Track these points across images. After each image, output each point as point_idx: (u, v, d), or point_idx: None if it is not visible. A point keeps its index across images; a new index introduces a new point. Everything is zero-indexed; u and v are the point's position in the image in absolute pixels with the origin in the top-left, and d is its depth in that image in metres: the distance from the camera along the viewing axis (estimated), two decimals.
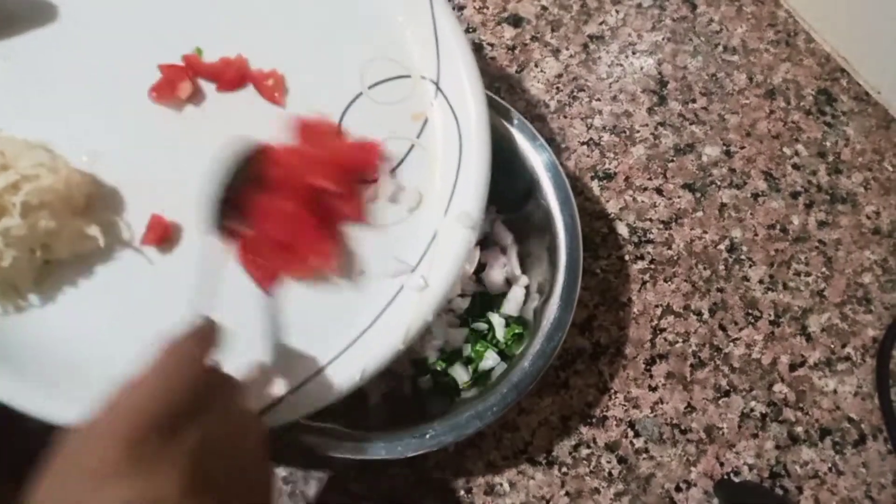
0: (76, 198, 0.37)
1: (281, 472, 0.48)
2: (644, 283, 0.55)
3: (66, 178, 0.36)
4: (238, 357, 0.34)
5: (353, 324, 0.39)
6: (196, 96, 0.42)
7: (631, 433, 0.50)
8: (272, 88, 0.42)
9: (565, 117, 0.61)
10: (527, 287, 0.49)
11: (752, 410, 0.51)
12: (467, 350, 0.48)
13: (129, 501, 0.23)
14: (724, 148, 0.60)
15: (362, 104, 0.42)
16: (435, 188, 0.41)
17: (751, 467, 0.50)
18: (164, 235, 0.39)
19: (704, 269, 0.56)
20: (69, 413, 0.35)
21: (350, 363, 0.38)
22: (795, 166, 0.60)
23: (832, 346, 0.54)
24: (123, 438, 0.24)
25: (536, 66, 0.63)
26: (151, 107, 0.41)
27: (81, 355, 0.37)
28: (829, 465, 0.50)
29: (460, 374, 0.48)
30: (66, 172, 0.37)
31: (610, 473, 0.49)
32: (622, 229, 0.57)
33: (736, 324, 0.54)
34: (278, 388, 0.37)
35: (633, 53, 0.64)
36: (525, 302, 0.49)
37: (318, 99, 0.42)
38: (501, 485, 0.48)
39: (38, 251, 0.36)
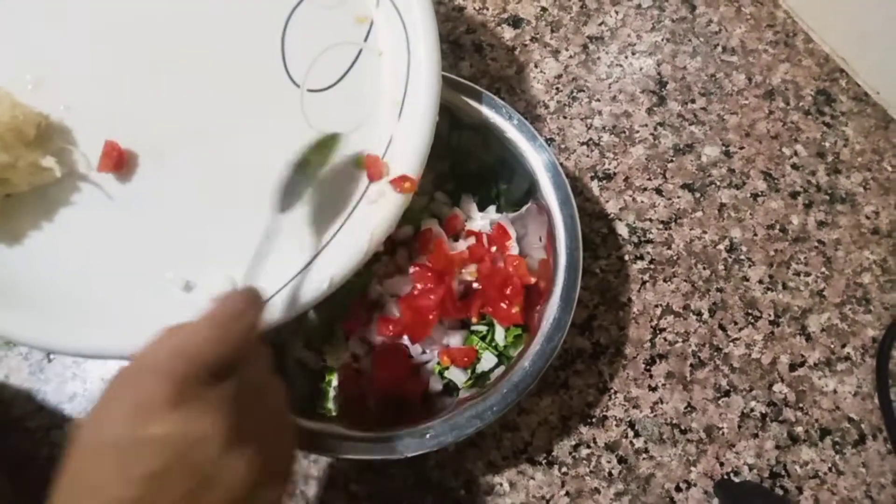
0: (25, 129, 0.36)
1: None
2: (644, 283, 0.55)
3: (12, 110, 0.36)
4: (210, 274, 0.36)
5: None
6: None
7: (631, 433, 0.50)
8: None
9: (565, 118, 0.61)
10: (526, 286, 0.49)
11: (751, 410, 0.51)
12: None
13: (170, 436, 0.24)
14: (724, 148, 0.60)
15: (304, 11, 0.41)
16: (386, 92, 0.41)
17: (751, 467, 0.50)
18: (120, 162, 0.38)
19: (704, 269, 0.56)
20: (60, 340, 0.36)
21: (318, 273, 0.38)
22: (794, 166, 0.60)
23: (832, 346, 0.54)
24: (173, 377, 0.25)
25: (536, 66, 0.63)
26: (98, 23, 0.39)
27: (55, 288, 0.37)
28: (829, 465, 0.50)
29: (457, 375, 0.47)
30: (10, 103, 0.36)
31: (610, 473, 0.49)
32: (622, 229, 0.57)
33: (736, 324, 0.54)
34: None
35: (633, 54, 0.64)
36: None
37: (259, 5, 0.41)
38: (501, 485, 0.48)
39: None
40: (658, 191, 0.58)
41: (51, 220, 0.38)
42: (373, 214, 0.39)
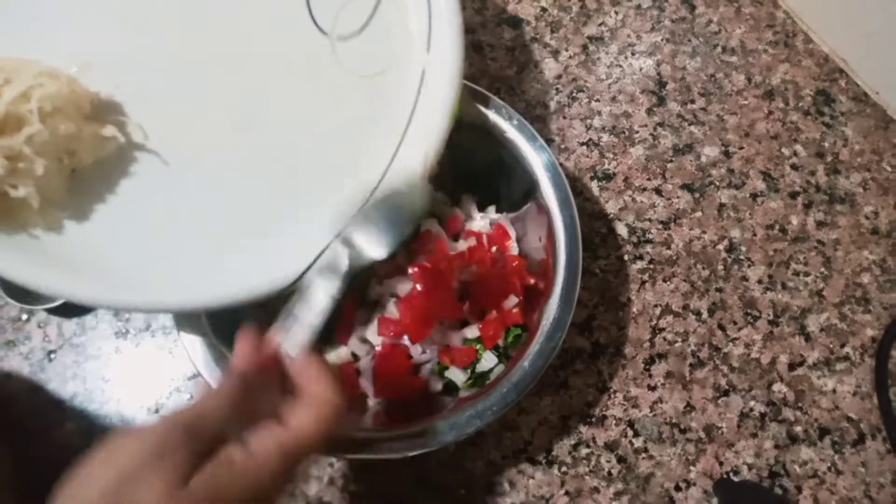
0: (83, 103, 0.38)
1: None
2: (643, 282, 0.55)
3: (69, 84, 0.37)
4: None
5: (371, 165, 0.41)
6: None
7: (630, 432, 0.50)
8: None
9: (565, 118, 0.61)
10: (526, 286, 0.49)
11: (751, 410, 0.51)
12: None
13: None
14: (723, 148, 0.60)
15: None
16: (412, 28, 0.42)
17: (750, 467, 0.50)
18: None
19: (703, 268, 0.56)
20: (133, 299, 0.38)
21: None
22: (794, 167, 0.60)
23: (831, 345, 0.54)
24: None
25: (536, 66, 0.63)
26: (137, 4, 0.41)
27: (125, 258, 0.39)
28: (828, 464, 0.50)
29: (457, 375, 0.48)
30: (66, 79, 0.37)
31: (609, 473, 0.49)
32: (621, 229, 0.57)
33: (735, 323, 0.54)
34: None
35: (633, 54, 0.64)
36: None
37: None
38: (501, 484, 0.48)
39: (65, 158, 0.37)
40: (657, 191, 0.58)
41: (113, 191, 0.39)
42: (419, 142, 0.41)
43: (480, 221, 0.52)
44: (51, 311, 0.52)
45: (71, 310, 0.52)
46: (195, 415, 0.28)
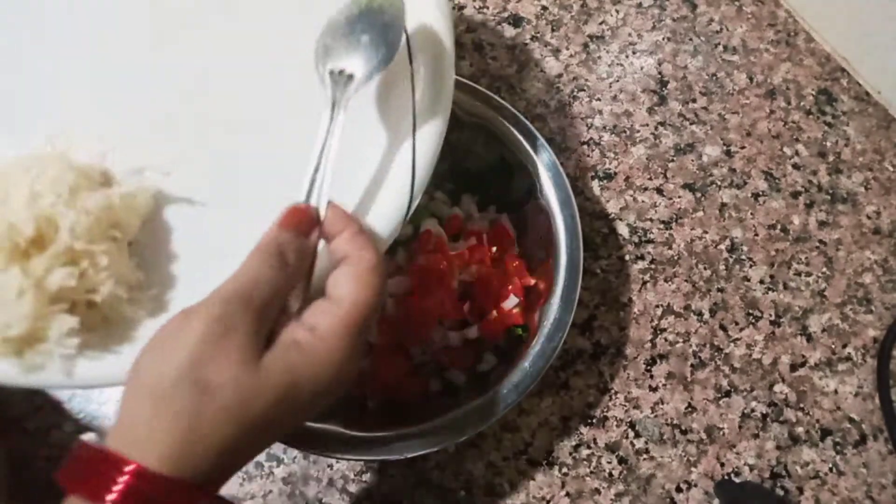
0: (92, 173, 0.35)
1: (280, 472, 0.48)
2: (644, 283, 0.55)
3: (69, 161, 0.35)
4: None
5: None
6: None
7: (631, 434, 0.50)
8: None
9: (565, 117, 0.61)
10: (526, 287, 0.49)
11: (752, 411, 0.51)
12: None
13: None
14: (725, 148, 0.60)
15: None
16: None
17: (751, 468, 0.50)
18: None
19: (705, 269, 0.56)
20: None
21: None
22: (796, 166, 0.60)
23: (833, 346, 0.53)
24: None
25: (536, 65, 0.63)
26: (95, 59, 0.39)
27: None
28: (830, 465, 0.50)
29: (457, 376, 0.47)
30: (59, 155, 0.35)
31: (610, 474, 0.49)
32: (622, 229, 0.57)
33: (736, 324, 0.54)
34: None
35: (634, 53, 0.63)
36: None
37: None
38: (501, 485, 0.48)
39: (116, 232, 0.34)
40: (659, 190, 0.58)
41: (170, 246, 0.36)
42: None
43: (480, 221, 0.51)
44: None
45: None
46: (249, 287, 0.27)
